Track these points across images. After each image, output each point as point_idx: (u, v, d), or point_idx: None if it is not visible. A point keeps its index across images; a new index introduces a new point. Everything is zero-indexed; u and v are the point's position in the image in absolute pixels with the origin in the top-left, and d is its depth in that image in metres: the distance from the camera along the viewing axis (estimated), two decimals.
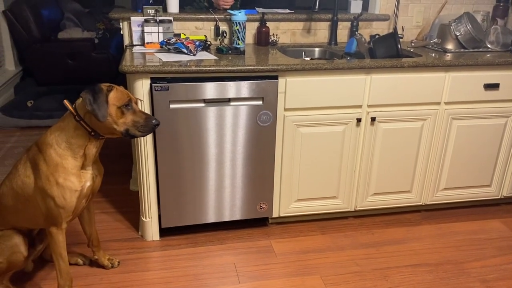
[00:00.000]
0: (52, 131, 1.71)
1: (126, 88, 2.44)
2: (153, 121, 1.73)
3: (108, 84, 1.70)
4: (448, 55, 2.48)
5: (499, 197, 2.73)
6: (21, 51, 4.62)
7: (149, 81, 2.07)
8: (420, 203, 2.63)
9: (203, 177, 2.27)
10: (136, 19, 2.43)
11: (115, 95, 1.67)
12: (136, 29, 2.45)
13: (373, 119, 2.34)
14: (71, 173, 1.70)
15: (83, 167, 1.74)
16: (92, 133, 1.70)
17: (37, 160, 1.70)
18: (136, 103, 1.76)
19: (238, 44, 2.50)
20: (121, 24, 2.53)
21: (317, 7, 2.53)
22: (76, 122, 1.68)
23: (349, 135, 2.36)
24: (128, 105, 1.70)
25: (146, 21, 2.38)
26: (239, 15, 2.47)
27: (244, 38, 2.52)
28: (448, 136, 2.49)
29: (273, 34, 2.69)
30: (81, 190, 1.74)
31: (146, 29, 2.38)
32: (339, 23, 2.76)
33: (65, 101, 1.71)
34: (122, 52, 2.48)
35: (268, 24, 2.63)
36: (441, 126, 2.46)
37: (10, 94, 4.42)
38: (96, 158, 1.81)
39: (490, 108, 2.48)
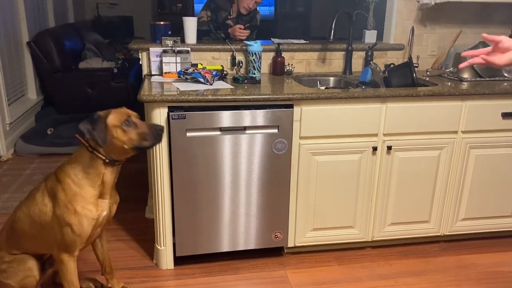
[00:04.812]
0: (69, 162, 1.75)
1: (143, 116, 2.49)
2: (156, 127, 1.74)
3: (106, 110, 1.73)
4: (464, 84, 2.47)
5: None
6: (43, 80, 4.76)
7: (166, 110, 2.11)
8: (439, 234, 2.57)
9: (218, 205, 2.27)
10: (155, 50, 2.50)
11: (113, 117, 1.70)
12: (154, 59, 2.51)
13: (389, 148, 2.33)
14: (89, 202, 1.72)
15: (101, 196, 1.76)
16: (107, 160, 1.72)
17: (56, 189, 1.72)
18: (137, 117, 1.77)
19: (254, 74, 2.53)
20: (140, 54, 2.60)
21: (331, 37, 2.57)
22: (90, 153, 1.71)
23: (365, 164, 2.34)
24: (128, 121, 1.71)
25: (164, 51, 2.44)
26: (255, 46, 2.52)
27: (260, 68, 2.56)
28: (466, 165, 2.45)
29: (288, 64, 2.73)
30: (98, 218, 1.76)
31: (165, 59, 2.44)
32: (353, 52, 2.78)
33: (77, 135, 1.74)
34: (141, 81, 2.54)
35: (284, 54, 2.68)
36: (459, 155, 2.43)
37: (31, 122, 4.53)
38: (113, 186, 1.83)
39: (508, 137, 2.44)
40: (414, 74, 2.44)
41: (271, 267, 2.38)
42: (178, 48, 2.46)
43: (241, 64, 2.66)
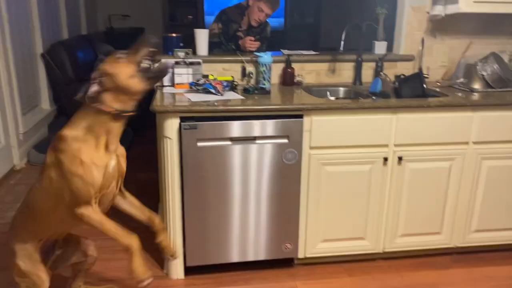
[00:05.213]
0: (65, 129, 1.73)
1: (155, 126, 2.51)
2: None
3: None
4: (475, 95, 2.47)
5: None
6: (56, 90, 4.82)
7: (178, 120, 2.13)
8: (451, 246, 2.55)
9: (228, 215, 2.28)
10: (167, 61, 2.52)
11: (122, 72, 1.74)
12: None
13: (400, 159, 2.32)
14: (95, 151, 1.68)
15: (106, 147, 1.71)
16: (116, 112, 1.68)
17: (57, 157, 1.70)
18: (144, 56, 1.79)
19: (264, 84, 2.55)
20: None
21: (341, 48, 2.58)
22: (96, 113, 1.69)
23: (376, 175, 2.33)
24: (142, 67, 1.74)
25: (176, 63, 2.47)
26: (266, 57, 2.54)
27: (270, 79, 2.57)
28: (478, 176, 2.43)
29: (298, 75, 2.74)
30: (106, 167, 1.70)
31: (176, 70, 2.47)
32: (363, 63, 2.79)
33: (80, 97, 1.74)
34: (152, 92, 2.56)
35: (293, 65, 2.69)
36: (471, 166, 2.41)
37: (44, 132, 4.58)
38: (119, 136, 1.76)
39: None
40: (424, 85, 2.44)
41: (282, 279, 2.37)
42: (189, 60, 2.49)
43: (251, 75, 2.68)
